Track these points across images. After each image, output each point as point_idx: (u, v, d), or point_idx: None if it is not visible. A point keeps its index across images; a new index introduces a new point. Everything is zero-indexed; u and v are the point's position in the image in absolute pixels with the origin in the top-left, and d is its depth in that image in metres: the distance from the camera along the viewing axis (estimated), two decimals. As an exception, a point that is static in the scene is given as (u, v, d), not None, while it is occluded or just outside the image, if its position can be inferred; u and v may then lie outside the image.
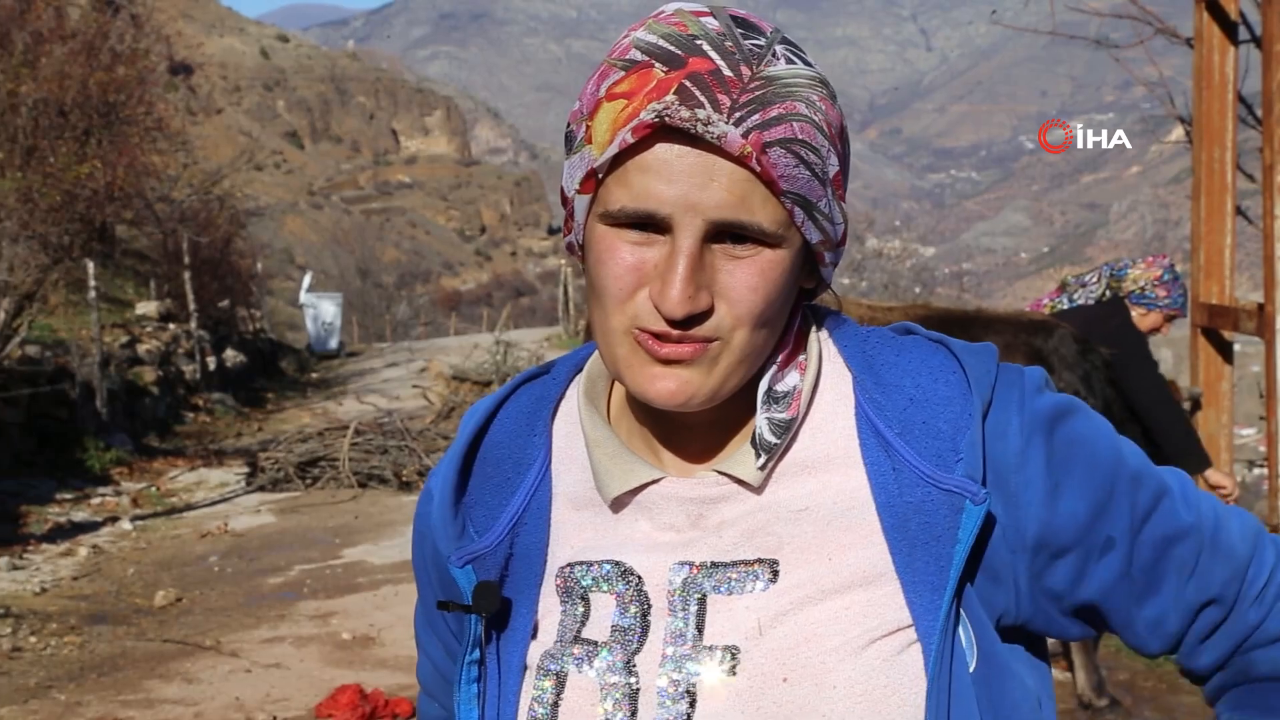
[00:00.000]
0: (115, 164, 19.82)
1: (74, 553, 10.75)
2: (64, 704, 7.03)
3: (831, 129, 1.27)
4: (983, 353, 1.36)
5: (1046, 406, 1.33)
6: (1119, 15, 9.74)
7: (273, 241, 70.33)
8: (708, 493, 1.33)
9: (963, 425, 1.31)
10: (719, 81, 1.20)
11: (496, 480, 1.42)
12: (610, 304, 1.26)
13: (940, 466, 1.29)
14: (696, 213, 1.21)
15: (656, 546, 1.33)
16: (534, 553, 1.38)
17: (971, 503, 1.27)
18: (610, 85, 1.24)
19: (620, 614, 1.32)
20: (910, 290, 29.20)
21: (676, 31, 1.23)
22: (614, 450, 1.36)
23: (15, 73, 18.20)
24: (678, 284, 1.21)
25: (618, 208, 1.23)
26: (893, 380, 1.35)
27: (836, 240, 1.32)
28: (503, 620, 1.38)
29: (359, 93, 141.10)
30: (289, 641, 8.22)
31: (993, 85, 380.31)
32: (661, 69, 1.21)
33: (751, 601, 1.29)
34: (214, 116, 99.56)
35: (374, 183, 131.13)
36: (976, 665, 1.29)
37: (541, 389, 1.47)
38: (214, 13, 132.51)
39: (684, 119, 1.19)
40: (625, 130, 1.21)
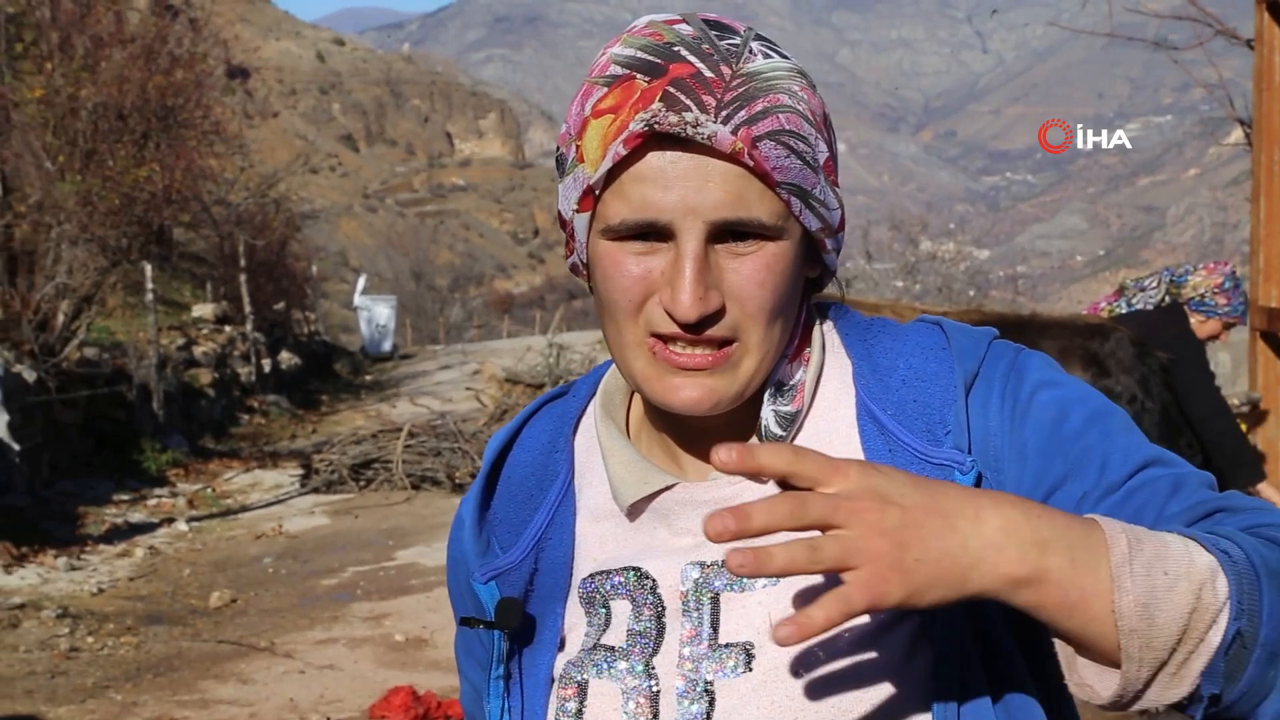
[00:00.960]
0: (173, 167, 19.95)
1: (131, 553, 10.85)
2: (121, 704, 7.09)
3: (816, 117, 1.29)
4: (974, 331, 1.38)
5: (1030, 379, 1.33)
6: (1178, 17, 9.65)
7: (327, 244, 70.81)
8: (721, 493, 1.33)
9: (949, 399, 1.32)
10: (702, 83, 1.22)
11: (520, 498, 1.44)
12: (622, 317, 1.28)
13: (931, 442, 1.31)
14: (696, 215, 1.22)
15: (673, 551, 1.34)
16: (559, 567, 1.39)
17: (959, 472, 1.27)
18: (595, 103, 1.25)
19: (635, 618, 1.33)
20: (964, 293, 29.02)
21: (653, 42, 1.25)
22: (629, 459, 1.37)
23: (76, 77, 18.34)
24: (687, 287, 1.22)
25: (618, 221, 1.25)
26: (887, 364, 1.36)
27: (835, 226, 1.34)
28: (528, 634, 1.39)
29: (414, 96, 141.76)
30: (342, 643, 8.26)
31: (1049, 87, 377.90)
32: (644, 79, 1.23)
33: (763, 596, 1.30)
34: (270, 120, 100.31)
35: (428, 185, 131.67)
36: (984, 649, 1.30)
37: (562, 407, 1.49)
38: (271, 16, 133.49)
39: (673, 124, 1.20)
40: (616, 143, 1.23)
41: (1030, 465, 1.30)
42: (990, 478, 1.30)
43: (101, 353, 15.54)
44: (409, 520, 12.24)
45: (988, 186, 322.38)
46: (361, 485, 14.02)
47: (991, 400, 1.33)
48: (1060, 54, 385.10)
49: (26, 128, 16.64)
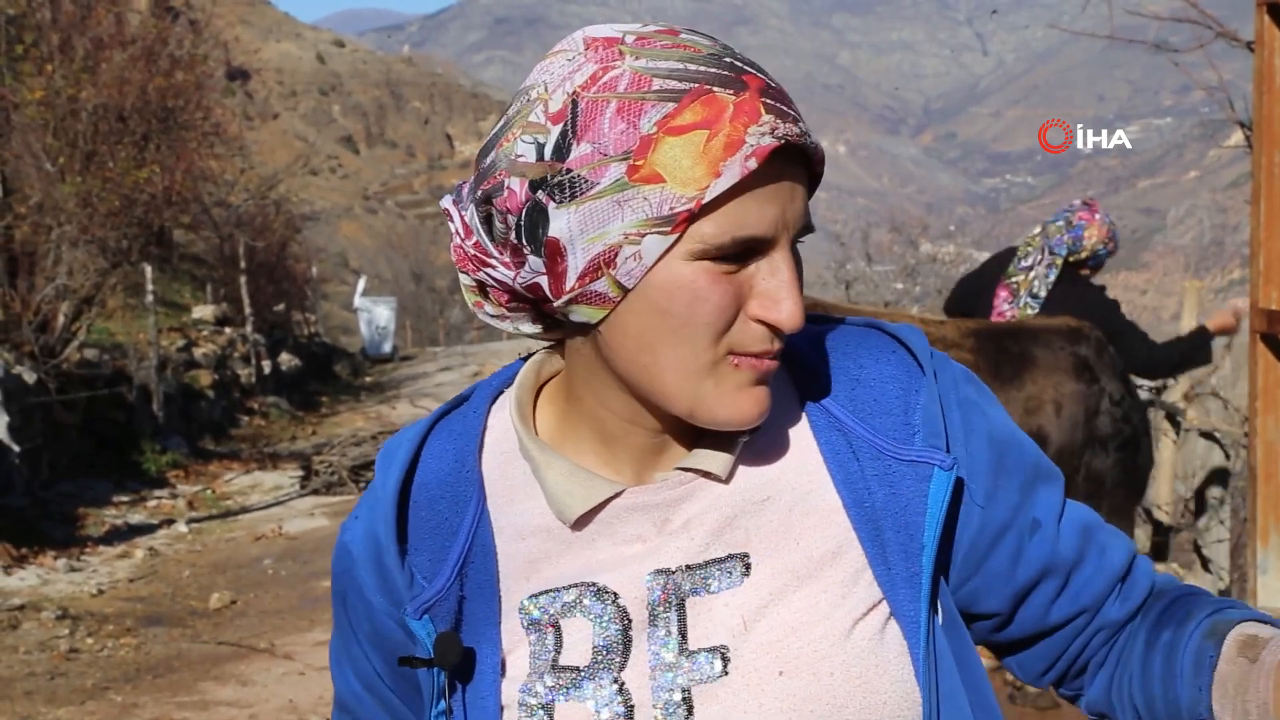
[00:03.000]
0: (173, 169, 19.95)
1: (130, 555, 10.85)
2: (120, 705, 7.09)
3: None
4: (917, 333, 1.39)
5: (971, 395, 1.38)
6: (1178, 19, 9.63)
7: (328, 246, 70.76)
8: (672, 494, 1.31)
9: (912, 401, 1.34)
10: (780, 95, 1.20)
11: (433, 523, 1.37)
12: (706, 340, 1.21)
13: (898, 441, 1.32)
14: (789, 227, 1.22)
15: (625, 560, 1.30)
16: (486, 591, 1.34)
17: (940, 469, 1.29)
18: (661, 119, 1.17)
19: (599, 635, 1.29)
20: (964, 295, 28.98)
21: (693, 54, 1.20)
22: (568, 470, 1.32)
23: (76, 78, 18.33)
24: (794, 295, 1.21)
25: (727, 239, 1.19)
26: (835, 362, 1.37)
27: None
28: (468, 666, 1.33)
29: (414, 97, 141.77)
30: (342, 644, 8.25)
31: (1049, 89, 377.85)
32: (726, 92, 1.18)
33: (730, 598, 1.28)
34: (270, 121, 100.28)
35: (428, 187, 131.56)
36: (944, 621, 1.33)
37: (461, 424, 1.42)
38: (271, 18, 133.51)
39: (795, 135, 1.18)
40: (734, 160, 1.16)
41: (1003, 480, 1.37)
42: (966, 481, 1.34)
43: (101, 354, 15.54)
44: (409, 522, 12.24)
45: (988, 189, 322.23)
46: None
47: (952, 408, 1.35)
48: (1060, 56, 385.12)
49: (27, 129, 16.63)
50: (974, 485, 1.35)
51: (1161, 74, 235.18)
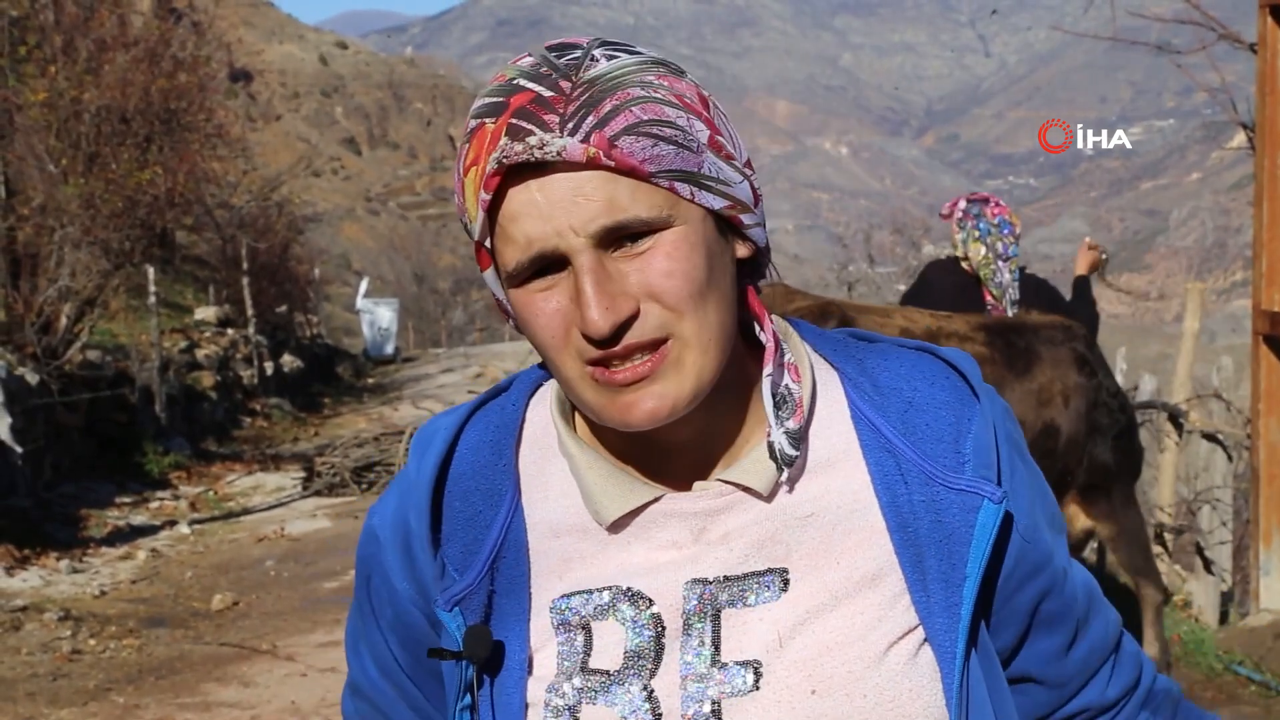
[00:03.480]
0: (176, 170, 19.95)
1: (133, 556, 10.85)
2: (122, 706, 7.09)
3: (685, 99, 1.26)
4: (969, 360, 1.38)
5: (1014, 433, 1.39)
6: (1180, 20, 9.64)
7: (330, 247, 70.76)
8: (712, 504, 1.31)
9: (964, 429, 1.32)
10: (541, 105, 1.21)
11: (467, 514, 1.37)
12: (555, 355, 1.26)
13: (948, 469, 1.30)
14: (577, 232, 1.21)
15: (660, 566, 1.31)
16: (517, 587, 1.34)
17: (990, 501, 1.28)
18: (464, 161, 1.26)
19: (633, 639, 1.29)
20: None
21: (497, 84, 1.25)
22: (607, 471, 1.33)
23: (79, 80, 18.34)
24: (591, 303, 1.20)
25: (514, 265, 1.24)
26: (888, 383, 1.35)
27: (747, 201, 1.30)
28: (496, 661, 1.33)
29: (416, 99, 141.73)
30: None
31: (1051, 91, 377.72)
32: (490, 121, 1.23)
33: (765, 613, 1.28)
34: (273, 123, 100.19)
35: (430, 188, 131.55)
36: (979, 651, 1.32)
37: (499, 416, 1.43)
38: (274, 20, 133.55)
39: (519, 153, 1.20)
40: (480, 191, 1.23)
41: None
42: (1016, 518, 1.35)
43: (104, 355, 15.55)
44: (411, 523, 12.24)
45: (990, 190, 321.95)
46: (364, 488, 14.02)
47: (999, 439, 1.35)
48: (1063, 58, 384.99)
49: (30, 131, 16.65)
50: (1020, 520, 1.35)
51: (1164, 75, 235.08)
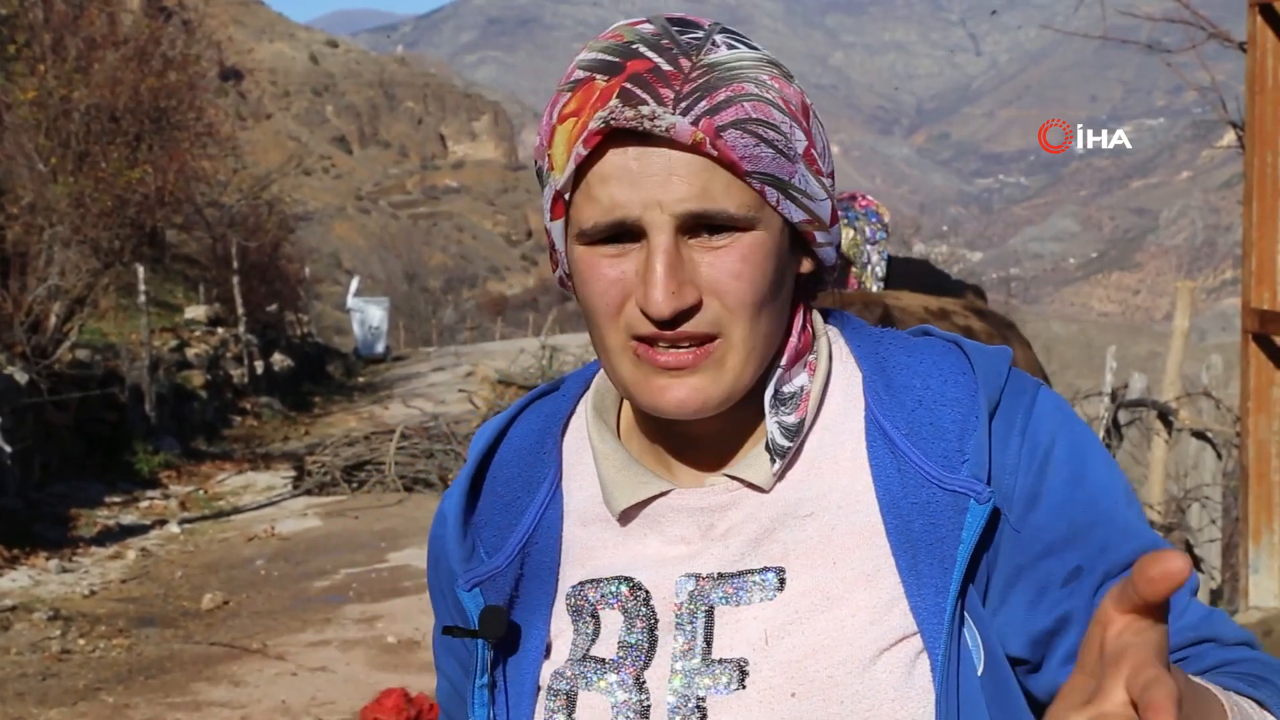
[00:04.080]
0: (166, 169, 19.95)
1: (122, 555, 10.84)
2: (112, 706, 7.08)
3: (790, 106, 1.25)
4: (995, 355, 1.34)
5: (1048, 423, 1.30)
6: (1170, 20, 9.65)
7: (320, 246, 70.76)
8: (717, 500, 1.31)
9: (969, 426, 1.29)
10: (659, 77, 1.20)
11: (506, 499, 1.40)
12: (603, 322, 1.25)
13: (946, 467, 1.27)
14: (663, 209, 1.20)
15: (665, 560, 1.31)
16: (545, 573, 1.36)
17: (976, 501, 1.25)
18: (560, 109, 1.24)
19: (627, 630, 1.30)
20: (958, 296, 29.08)
21: (613, 43, 1.24)
22: (621, 463, 1.34)
23: (69, 78, 18.33)
24: (659, 283, 1.19)
25: (590, 224, 1.23)
26: (903, 382, 1.33)
27: (825, 219, 1.29)
28: (513, 643, 1.35)
29: (407, 98, 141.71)
30: (335, 645, 8.25)
31: (1042, 90, 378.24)
32: (602, 79, 1.21)
33: (759, 611, 1.27)
34: (263, 122, 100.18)
35: (421, 187, 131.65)
36: (984, 669, 1.26)
37: (552, 406, 1.45)
38: (264, 18, 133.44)
39: (629, 118, 1.18)
40: (578, 145, 1.21)
41: (1035, 518, 1.28)
42: (1004, 513, 1.27)
43: (94, 355, 15.52)
44: (401, 522, 12.23)
45: (980, 189, 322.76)
46: (354, 487, 14.01)
47: (1012, 437, 1.29)
48: (1053, 57, 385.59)
49: (19, 129, 16.63)
50: (1010, 513, 1.28)
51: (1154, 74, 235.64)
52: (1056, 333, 69.96)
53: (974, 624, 1.27)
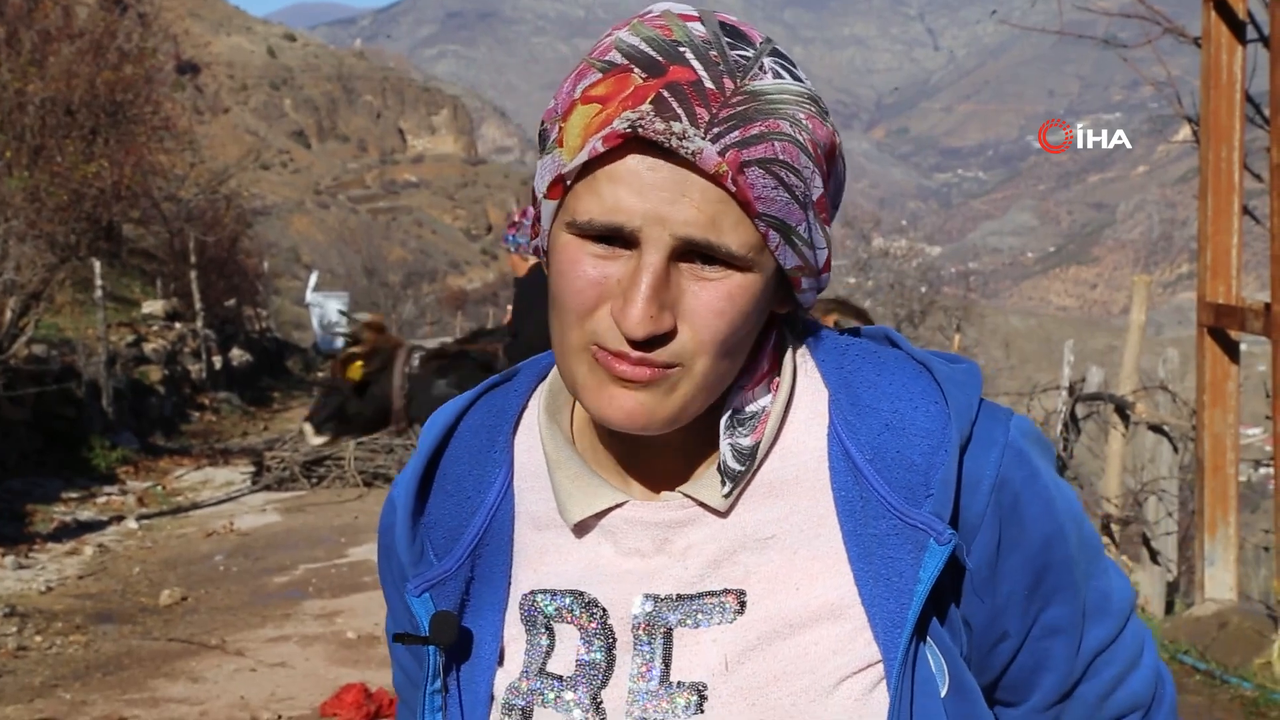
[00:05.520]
0: (122, 163, 19.85)
1: (79, 552, 10.76)
2: (70, 703, 7.04)
3: (818, 149, 1.21)
4: (966, 383, 1.30)
5: (1018, 475, 1.29)
6: (1127, 15, 9.71)
7: (279, 241, 70.43)
8: (673, 516, 1.27)
9: (937, 461, 1.25)
10: (699, 93, 1.14)
11: (456, 499, 1.36)
12: (570, 319, 1.20)
13: (909, 500, 1.24)
14: (664, 228, 1.15)
15: (621, 576, 1.28)
16: (497, 576, 1.33)
17: (936, 542, 1.22)
18: (587, 87, 1.18)
19: (585, 648, 1.28)
20: (916, 289, 29.17)
21: (660, 36, 1.17)
22: (576, 472, 1.30)
23: (23, 71, 18.21)
24: (640, 302, 1.15)
25: (585, 219, 1.18)
26: (869, 402, 1.29)
27: (817, 267, 1.26)
28: (465, 648, 1.32)
29: (366, 92, 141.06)
30: (294, 640, 8.22)
31: (1000, 85, 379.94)
32: (640, 75, 1.16)
33: (718, 634, 1.25)
34: (221, 115, 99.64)
35: (380, 182, 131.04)
36: (949, 692, 1.25)
37: (503, 400, 1.41)
38: (221, 11, 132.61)
39: (658, 131, 1.13)
40: (596, 138, 1.16)
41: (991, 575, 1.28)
42: (961, 554, 1.25)
43: (50, 350, 15.39)
44: (361, 517, 12.20)
45: (940, 183, 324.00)
46: (313, 483, 13.97)
47: (984, 481, 1.27)
48: (1011, 51, 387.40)
49: (-27, 122, 16.49)
50: (977, 572, 1.28)
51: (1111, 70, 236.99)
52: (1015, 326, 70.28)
53: (938, 650, 1.25)
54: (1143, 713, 1.40)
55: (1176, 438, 9.05)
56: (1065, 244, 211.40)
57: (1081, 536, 1.33)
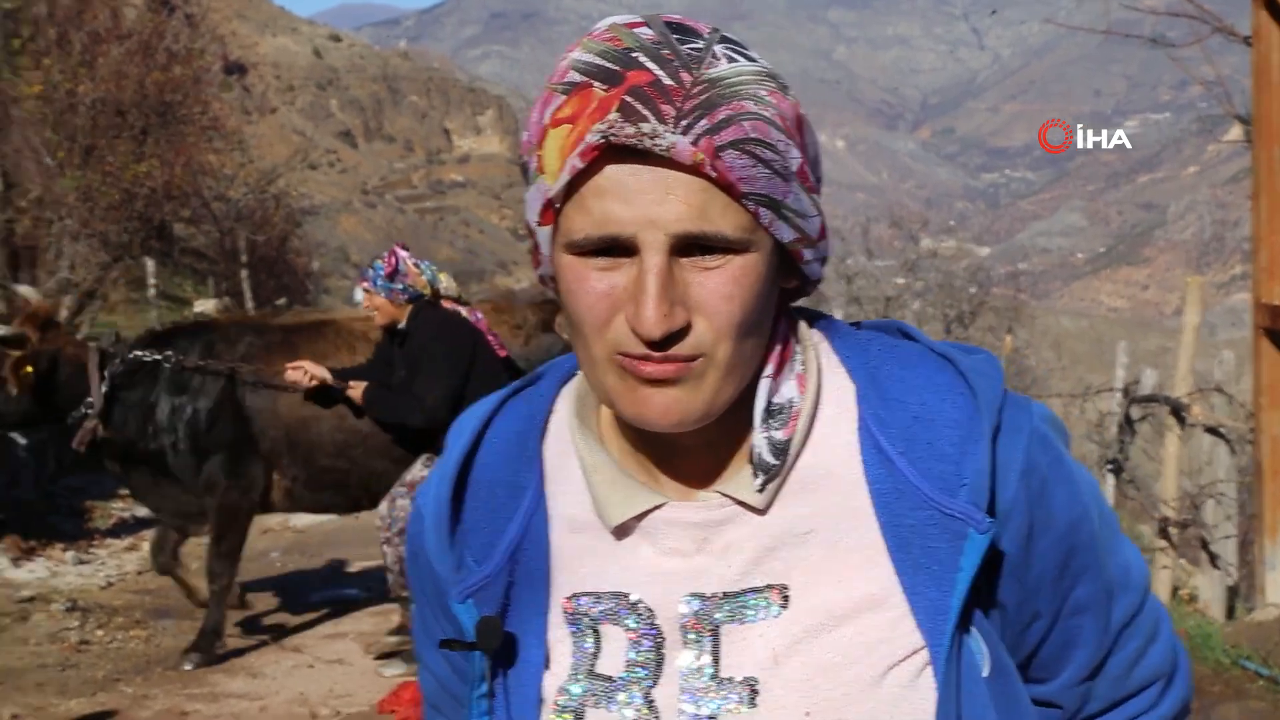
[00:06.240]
0: (172, 163, 19.98)
1: (138, 548, 10.86)
2: (131, 697, 7.11)
3: (787, 121, 1.23)
4: (990, 373, 1.33)
5: (1044, 460, 1.32)
6: (1175, 14, 9.66)
7: (328, 240, 70.72)
8: (712, 515, 1.30)
9: (969, 450, 1.28)
10: (660, 91, 1.18)
11: (491, 505, 1.38)
12: (590, 334, 1.23)
13: (944, 490, 1.26)
14: (658, 229, 1.18)
15: (665, 576, 1.31)
16: (537, 580, 1.35)
17: (976, 531, 1.25)
18: (554, 111, 1.21)
19: (634, 649, 1.30)
20: (965, 290, 29.02)
21: (611, 47, 1.20)
22: (612, 476, 1.32)
23: (74, 72, 18.36)
24: (650, 304, 1.18)
25: (580, 236, 1.21)
26: (897, 395, 1.32)
27: (814, 235, 1.29)
28: (510, 652, 1.34)
29: (411, 92, 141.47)
30: (351, 637, 8.28)
31: (1046, 84, 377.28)
32: (601, 87, 1.19)
33: (765, 629, 1.27)
34: (268, 116, 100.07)
35: (427, 182, 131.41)
36: (991, 673, 1.29)
37: (529, 405, 1.43)
38: (267, 12, 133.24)
39: (629, 135, 1.17)
40: (573, 156, 1.19)
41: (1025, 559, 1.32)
42: (1003, 546, 1.29)
43: (105, 348, 15.55)
44: (413, 515, 12.26)
45: (987, 184, 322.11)
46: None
47: (1013, 468, 1.29)
48: (1057, 51, 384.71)
49: (26, 123, 16.68)
50: (1012, 557, 1.31)
51: (1159, 69, 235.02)
52: (1066, 327, 69.73)
53: (980, 635, 1.29)
54: (1164, 682, 1.46)
55: (1233, 440, 8.99)
56: (1115, 244, 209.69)
57: (1102, 514, 1.39)
